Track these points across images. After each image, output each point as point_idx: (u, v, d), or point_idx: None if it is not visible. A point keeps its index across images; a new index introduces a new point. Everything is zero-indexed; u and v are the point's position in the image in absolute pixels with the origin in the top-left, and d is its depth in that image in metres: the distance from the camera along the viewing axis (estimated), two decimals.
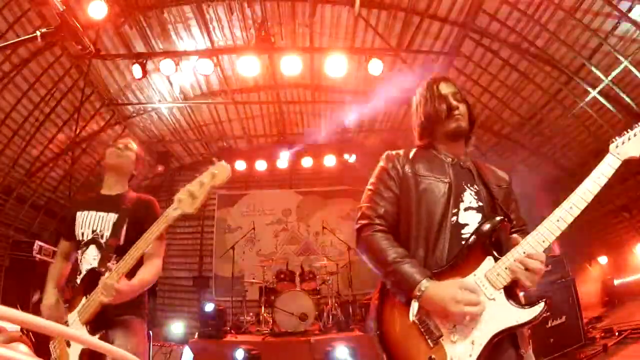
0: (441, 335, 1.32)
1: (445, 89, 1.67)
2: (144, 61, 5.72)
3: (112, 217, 2.14)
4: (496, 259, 1.38)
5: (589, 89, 5.92)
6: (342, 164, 9.11)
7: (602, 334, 5.09)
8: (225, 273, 8.52)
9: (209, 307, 6.04)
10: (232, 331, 6.33)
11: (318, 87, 7.71)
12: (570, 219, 1.35)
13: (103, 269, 1.93)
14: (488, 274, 1.36)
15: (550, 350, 4.38)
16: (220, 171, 1.72)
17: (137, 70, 5.71)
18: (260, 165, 9.09)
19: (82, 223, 2.16)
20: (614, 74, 5.54)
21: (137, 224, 2.08)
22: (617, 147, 1.39)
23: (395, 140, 9.29)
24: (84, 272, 2.04)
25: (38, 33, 1.37)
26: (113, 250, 2.02)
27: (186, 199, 1.72)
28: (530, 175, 6.80)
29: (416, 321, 1.35)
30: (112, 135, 7.80)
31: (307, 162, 9.11)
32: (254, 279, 7.57)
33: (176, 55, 5.92)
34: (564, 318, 4.56)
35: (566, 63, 5.95)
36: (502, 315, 1.31)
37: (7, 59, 5.48)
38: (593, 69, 5.68)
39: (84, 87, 6.42)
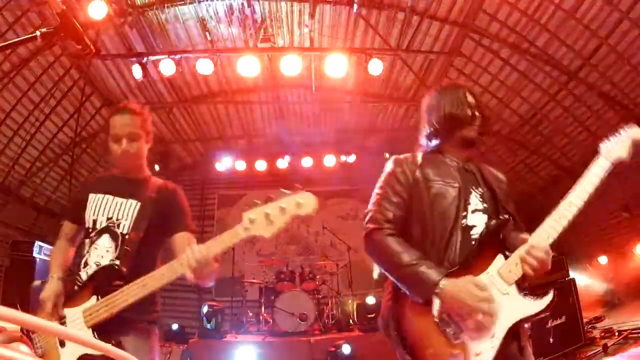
0: (462, 332, 1.37)
1: (470, 98, 1.73)
2: (144, 61, 5.73)
3: (133, 204, 1.86)
4: (506, 257, 1.46)
5: (589, 89, 5.93)
6: (342, 164, 9.11)
7: (602, 334, 5.09)
8: (225, 273, 8.52)
9: (209, 307, 6.04)
10: (232, 331, 6.33)
11: (318, 87, 7.71)
12: (570, 216, 1.46)
13: (124, 269, 1.71)
14: (500, 271, 1.44)
15: (550, 350, 4.38)
16: (306, 202, 1.51)
17: (137, 70, 5.70)
18: (260, 165, 9.09)
19: (95, 208, 1.87)
20: (614, 74, 5.54)
21: (161, 217, 1.86)
22: (606, 149, 1.55)
23: (395, 140, 9.30)
24: (92, 265, 1.78)
25: (38, 33, 1.37)
26: (135, 245, 1.78)
27: (261, 221, 1.54)
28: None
29: (436, 320, 1.39)
30: None
31: (307, 162, 9.11)
32: (254, 279, 7.56)
33: (176, 55, 5.92)
34: (564, 318, 4.56)
35: (566, 63, 5.95)
36: (516, 307, 1.40)
37: (7, 59, 5.48)
38: (593, 69, 5.69)
39: (84, 87, 6.43)
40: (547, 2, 5.32)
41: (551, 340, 4.40)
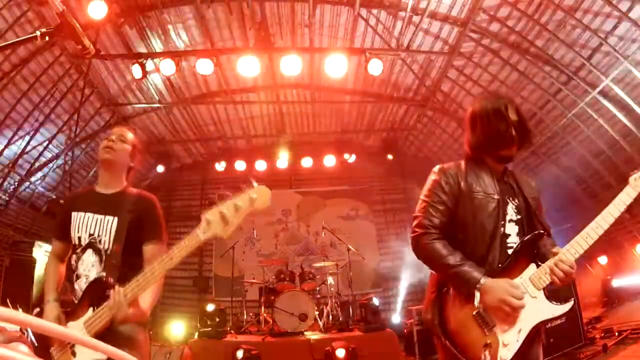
0: (495, 325, 1.61)
1: (512, 115, 1.82)
2: (144, 61, 5.73)
3: (111, 220, 2.00)
4: (538, 266, 1.69)
5: (589, 89, 5.92)
6: (342, 164, 9.11)
7: (602, 334, 5.09)
8: (225, 273, 8.52)
9: (209, 307, 6.03)
10: (232, 331, 6.32)
11: (318, 87, 7.71)
12: (596, 237, 1.68)
13: (111, 279, 1.83)
14: (532, 277, 1.67)
15: (550, 350, 4.38)
16: (260, 196, 1.58)
17: (137, 70, 5.71)
18: (260, 165, 9.09)
19: (79, 225, 2.01)
20: (614, 74, 5.54)
21: (138, 227, 2.00)
22: (635, 179, 1.75)
23: (395, 140, 9.30)
24: (83, 279, 1.93)
25: (38, 33, 1.37)
26: (118, 257, 1.92)
27: (217, 222, 1.58)
28: None
29: (474, 314, 1.62)
30: None
31: (307, 162, 9.12)
32: (253, 279, 7.56)
33: (176, 55, 5.91)
34: (564, 318, 4.54)
35: (566, 63, 5.95)
36: (542, 309, 1.64)
37: (7, 59, 5.48)
38: (593, 69, 5.69)
39: (84, 87, 6.43)
40: (547, 2, 5.32)
41: (551, 340, 4.40)
